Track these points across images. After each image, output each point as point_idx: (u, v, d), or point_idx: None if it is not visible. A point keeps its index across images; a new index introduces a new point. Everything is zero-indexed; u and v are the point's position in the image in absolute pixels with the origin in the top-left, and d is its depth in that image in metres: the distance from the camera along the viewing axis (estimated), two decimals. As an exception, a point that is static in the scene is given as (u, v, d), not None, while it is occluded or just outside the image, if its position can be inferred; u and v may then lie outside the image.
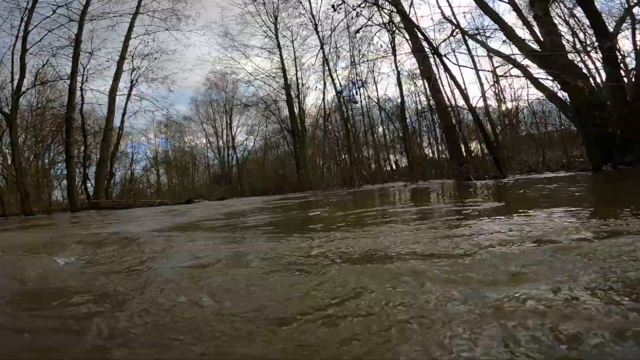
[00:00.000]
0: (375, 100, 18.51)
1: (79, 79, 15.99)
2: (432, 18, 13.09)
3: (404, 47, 15.59)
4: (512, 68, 10.59)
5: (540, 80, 10.15)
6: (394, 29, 14.35)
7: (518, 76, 11.11)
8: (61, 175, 17.01)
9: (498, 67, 11.02)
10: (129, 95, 18.60)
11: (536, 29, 10.81)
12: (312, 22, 19.79)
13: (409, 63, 18.47)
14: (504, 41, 10.70)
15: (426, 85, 14.85)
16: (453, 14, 12.36)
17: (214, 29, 33.04)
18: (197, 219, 5.17)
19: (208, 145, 28.05)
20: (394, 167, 17.88)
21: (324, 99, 20.20)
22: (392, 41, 15.92)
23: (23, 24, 14.72)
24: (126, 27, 17.99)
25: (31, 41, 14.87)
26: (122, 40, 17.82)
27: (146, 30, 18.85)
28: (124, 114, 18.34)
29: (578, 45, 11.32)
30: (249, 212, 5.72)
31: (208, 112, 27.16)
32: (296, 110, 21.18)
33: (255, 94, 23.15)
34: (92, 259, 2.01)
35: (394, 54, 16.02)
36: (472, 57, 12.52)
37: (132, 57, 18.65)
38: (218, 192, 18.98)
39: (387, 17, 13.54)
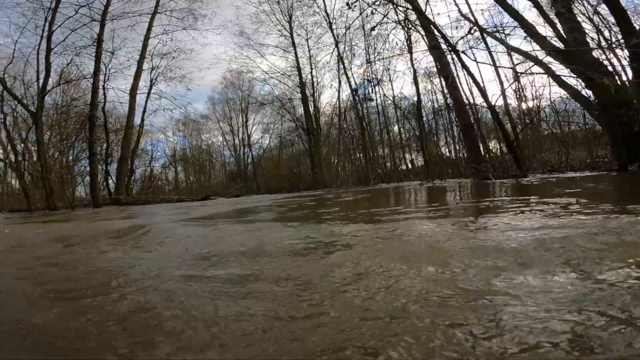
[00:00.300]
0: (391, 98, 18.40)
1: (101, 77, 16.42)
2: (449, 15, 12.95)
3: (420, 44, 15.44)
4: (533, 65, 10.34)
5: (563, 78, 9.88)
6: (410, 26, 14.21)
7: (539, 73, 10.85)
8: (84, 172, 17.55)
9: (518, 64, 10.77)
10: (149, 93, 18.98)
11: (559, 27, 10.53)
12: (326, 20, 19.82)
13: (426, 61, 18.30)
14: (525, 38, 10.45)
15: (443, 82, 14.70)
16: (470, 11, 12.14)
17: (229, 28, 33.57)
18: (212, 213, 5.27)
19: (224, 143, 28.48)
20: (409, 166, 17.73)
21: (339, 97, 20.19)
22: (408, 39, 15.78)
23: (47, 24, 15.19)
24: (145, 26, 18.40)
25: (55, 41, 15.36)
26: (141, 40, 18.24)
27: (164, 30, 19.23)
28: (144, 112, 18.76)
29: (603, 43, 10.96)
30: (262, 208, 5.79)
31: (224, 111, 27.58)
32: (311, 108, 21.18)
33: (271, 92, 23.30)
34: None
35: (410, 51, 15.87)
36: (490, 54, 12.31)
37: (152, 56, 19.03)
38: (234, 190, 19.19)
39: (403, 15, 13.44)
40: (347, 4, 12.37)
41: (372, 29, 15.02)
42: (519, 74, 10.77)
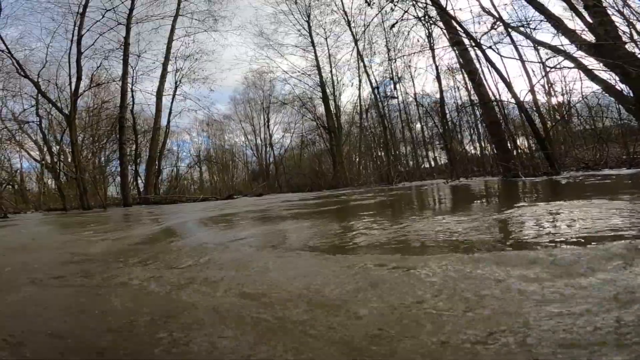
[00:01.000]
0: (412, 96, 18.29)
1: (129, 80, 16.93)
2: (470, 11, 12.75)
3: (442, 40, 15.30)
4: (563, 60, 10.09)
5: (596, 72, 9.61)
6: (430, 22, 14.08)
7: (569, 67, 10.59)
8: (115, 172, 18.21)
9: (548, 59, 10.54)
10: (174, 95, 19.52)
11: (590, 20, 10.25)
12: (344, 18, 19.86)
13: (448, 57, 18.13)
14: (555, 34, 10.23)
15: (467, 78, 14.51)
16: (493, 5, 11.99)
17: (249, 28, 34.13)
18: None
19: (246, 143, 28.94)
20: (432, 164, 17.59)
21: (359, 95, 20.23)
22: (429, 35, 15.65)
23: (76, 28, 15.73)
24: (168, 29, 18.88)
25: (85, 45, 15.90)
26: (165, 43, 18.74)
27: (186, 32, 19.73)
28: (170, 114, 19.31)
29: (636, 36, 10.61)
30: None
31: (246, 111, 28.03)
32: (332, 107, 21.29)
33: (292, 91, 23.49)
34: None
35: (431, 48, 15.74)
36: (517, 49, 12.10)
37: (175, 58, 19.53)
38: (256, 189, 19.48)
39: (423, 11, 13.32)
40: (366, 0, 12.37)
41: (393, 25, 14.96)
42: (549, 69, 10.54)
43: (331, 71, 21.58)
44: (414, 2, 12.70)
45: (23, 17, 21.33)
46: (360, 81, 20.05)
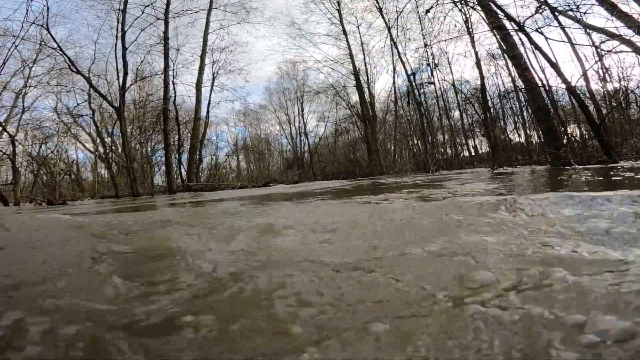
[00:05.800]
0: (450, 82, 17.80)
1: (170, 73, 17.56)
2: (512, -6, 12.12)
3: (482, 25, 14.76)
4: (619, 44, 9.53)
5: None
6: (468, 6, 13.59)
7: (626, 51, 9.98)
8: (160, 162, 19.14)
9: (602, 42, 9.97)
10: (212, 86, 20.11)
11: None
12: (376, 5, 19.47)
13: (488, 42, 17.46)
14: (608, 18, 9.65)
15: (510, 64, 13.94)
16: (537, -12, 11.39)
17: (280, 19, 34.16)
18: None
19: (281, 132, 29.37)
20: (472, 152, 17.17)
21: (394, 82, 19.94)
22: (467, 20, 15.12)
23: (119, 24, 16.44)
24: (203, 22, 19.41)
25: (128, 40, 16.59)
26: (201, 36, 19.29)
27: (220, 25, 20.20)
28: (209, 104, 19.95)
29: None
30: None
31: (280, 100, 28.35)
32: (366, 95, 21.11)
33: (325, 80, 23.45)
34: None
35: (469, 33, 15.22)
36: (566, 33, 11.51)
37: (212, 51, 20.03)
38: (292, 177, 19.84)
39: (458, -5, 12.85)
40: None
41: (427, 11, 14.56)
42: (603, 53, 9.97)
43: (364, 59, 21.34)
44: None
45: (70, 15, 22.49)
46: (394, 68, 19.74)
